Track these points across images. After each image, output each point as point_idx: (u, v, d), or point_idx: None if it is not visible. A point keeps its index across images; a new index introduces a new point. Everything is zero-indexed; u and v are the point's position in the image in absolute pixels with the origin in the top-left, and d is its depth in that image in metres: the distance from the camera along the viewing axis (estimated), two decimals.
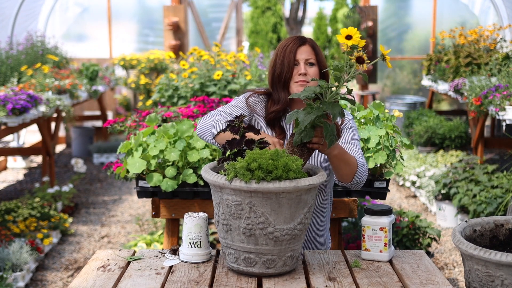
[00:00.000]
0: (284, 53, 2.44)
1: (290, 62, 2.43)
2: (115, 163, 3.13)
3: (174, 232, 3.07)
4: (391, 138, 2.96)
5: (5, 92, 5.51)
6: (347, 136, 2.45)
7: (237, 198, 1.98)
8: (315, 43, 2.50)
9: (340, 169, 2.29)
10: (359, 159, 2.35)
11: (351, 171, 2.31)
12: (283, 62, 2.44)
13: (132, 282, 2.06)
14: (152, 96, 4.82)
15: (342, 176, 2.32)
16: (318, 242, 2.58)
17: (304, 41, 2.46)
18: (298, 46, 2.44)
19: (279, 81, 2.45)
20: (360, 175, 2.34)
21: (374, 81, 9.83)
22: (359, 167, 2.32)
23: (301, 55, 2.43)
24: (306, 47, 2.45)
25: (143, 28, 10.80)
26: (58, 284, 4.45)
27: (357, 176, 2.33)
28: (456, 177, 5.56)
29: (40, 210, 5.29)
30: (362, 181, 2.36)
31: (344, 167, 2.29)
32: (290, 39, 2.48)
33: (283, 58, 2.44)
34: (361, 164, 2.35)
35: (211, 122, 2.39)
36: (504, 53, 6.63)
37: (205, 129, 2.40)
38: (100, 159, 8.48)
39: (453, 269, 4.64)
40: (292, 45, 2.44)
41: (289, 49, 2.44)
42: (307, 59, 2.43)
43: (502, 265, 1.92)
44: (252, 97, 2.54)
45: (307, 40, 2.49)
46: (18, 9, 8.69)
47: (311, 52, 2.45)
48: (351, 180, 2.34)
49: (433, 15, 10.16)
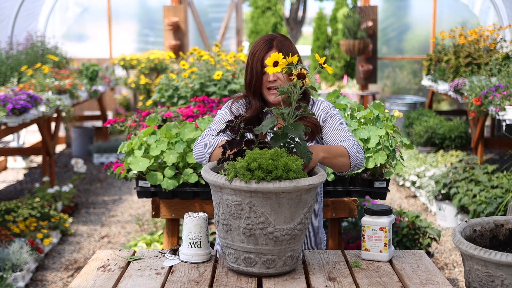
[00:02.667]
0: (252, 61, 2.41)
1: (258, 70, 2.39)
2: (115, 163, 3.13)
3: (174, 232, 3.07)
4: (391, 138, 2.96)
5: (5, 92, 5.51)
6: (333, 123, 2.46)
7: (237, 198, 1.98)
8: (283, 43, 2.41)
9: (335, 164, 2.30)
10: (347, 144, 2.34)
11: (345, 160, 2.31)
12: (252, 70, 2.41)
13: (132, 282, 2.06)
14: (152, 96, 4.82)
15: (340, 168, 2.32)
16: (314, 237, 2.59)
17: (271, 46, 2.39)
18: (265, 53, 2.39)
19: (250, 89, 2.44)
20: (355, 157, 2.32)
21: (374, 81, 9.83)
22: (350, 152, 2.31)
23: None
24: (273, 51, 2.37)
25: (143, 28, 10.80)
26: (58, 284, 4.45)
27: (353, 160, 2.32)
28: (456, 177, 5.56)
29: (40, 210, 5.29)
30: (361, 160, 2.35)
31: (337, 161, 2.29)
32: (258, 44, 2.42)
33: (252, 66, 2.41)
34: (350, 146, 2.33)
35: (202, 146, 2.39)
36: (504, 53, 6.63)
37: (200, 155, 2.41)
38: (100, 159, 8.48)
39: (453, 269, 4.64)
40: (259, 53, 2.39)
41: (256, 57, 2.39)
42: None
43: (502, 265, 1.92)
44: (234, 104, 2.52)
45: (274, 43, 2.40)
46: (18, 9, 8.69)
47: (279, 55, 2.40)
48: (350, 167, 2.34)
49: (433, 15, 10.16)
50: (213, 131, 2.46)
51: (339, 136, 2.41)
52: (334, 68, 13.17)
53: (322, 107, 2.52)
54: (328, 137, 2.45)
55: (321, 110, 2.51)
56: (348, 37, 9.38)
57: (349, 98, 3.26)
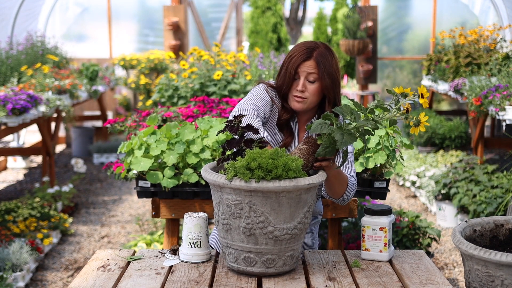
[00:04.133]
0: (288, 64, 2.34)
1: (290, 76, 2.33)
2: (115, 163, 3.13)
3: (174, 232, 3.07)
4: (391, 138, 2.96)
5: (5, 92, 5.51)
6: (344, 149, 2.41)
7: (237, 198, 1.98)
8: (323, 56, 2.32)
9: (333, 186, 2.31)
10: (350, 179, 2.36)
11: (342, 190, 2.33)
12: (285, 74, 2.35)
13: (132, 282, 2.06)
14: (152, 96, 4.82)
15: (333, 193, 2.34)
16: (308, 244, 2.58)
17: (310, 56, 2.31)
18: (302, 61, 2.31)
19: (280, 91, 2.39)
20: (349, 193, 2.36)
21: (374, 81, 9.83)
22: (349, 187, 2.34)
23: (303, 68, 2.31)
24: (311, 62, 2.30)
25: (143, 28, 10.80)
26: (58, 284, 4.45)
27: (346, 195, 2.36)
28: (456, 177, 5.55)
29: (40, 210, 5.29)
30: (349, 199, 2.39)
31: (337, 185, 2.31)
32: (298, 49, 2.34)
33: (286, 70, 2.34)
34: (352, 183, 2.36)
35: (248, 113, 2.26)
36: (504, 53, 6.63)
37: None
38: (100, 159, 8.48)
39: (453, 269, 4.64)
40: (296, 58, 2.32)
41: (292, 62, 2.32)
42: (308, 73, 2.31)
43: (502, 265, 1.92)
44: (270, 89, 2.44)
45: (314, 53, 2.32)
46: (18, 9, 8.69)
47: (315, 67, 2.30)
48: (340, 197, 2.36)
49: (433, 15, 10.16)
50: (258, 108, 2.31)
51: (345, 167, 2.40)
52: None
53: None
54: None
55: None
56: (348, 37, 9.38)
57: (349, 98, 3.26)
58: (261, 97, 2.37)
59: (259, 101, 2.35)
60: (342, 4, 13.23)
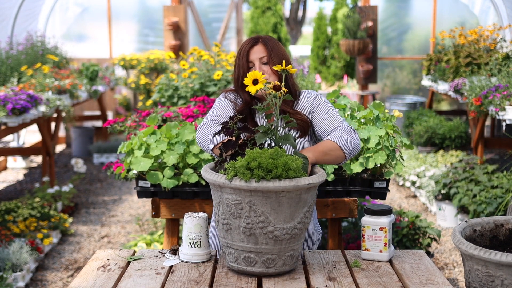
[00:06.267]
0: (239, 56, 2.50)
1: (244, 65, 2.48)
2: (115, 163, 3.13)
3: (174, 232, 3.07)
4: (391, 138, 2.96)
5: (5, 92, 5.51)
6: (322, 112, 2.46)
7: (237, 197, 1.98)
8: (268, 40, 2.50)
9: (328, 160, 2.29)
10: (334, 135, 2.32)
11: (338, 153, 2.29)
12: (239, 66, 2.50)
13: (132, 282, 2.06)
14: (152, 96, 4.82)
15: (335, 161, 2.32)
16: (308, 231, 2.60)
17: (256, 41, 2.49)
18: (250, 48, 2.48)
19: (238, 84, 2.51)
20: (347, 146, 2.31)
21: (374, 81, 9.82)
22: (339, 143, 2.29)
23: (254, 55, 2.48)
24: (258, 46, 2.48)
25: (143, 28, 10.80)
26: (58, 284, 4.45)
27: (346, 149, 2.31)
28: (456, 177, 5.55)
29: (40, 210, 5.29)
30: (354, 145, 2.33)
31: (329, 157, 2.28)
32: (245, 42, 2.52)
33: (239, 62, 2.50)
34: (339, 137, 2.31)
35: (208, 133, 2.40)
36: (504, 53, 6.62)
37: (203, 141, 2.41)
38: (100, 159, 8.48)
39: (453, 269, 4.64)
40: (244, 48, 2.50)
41: (242, 52, 2.50)
42: (260, 58, 2.47)
43: (502, 265, 1.92)
44: (228, 94, 2.58)
45: (260, 38, 2.50)
46: (18, 9, 8.69)
47: (263, 50, 2.47)
48: (345, 157, 2.33)
49: (433, 15, 10.16)
50: (218, 117, 2.47)
51: (330, 124, 2.41)
52: (334, 68, 13.18)
53: (307, 97, 2.53)
54: (319, 127, 2.45)
55: (306, 101, 2.51)
56: (348, 37, 9.38)
57: (349, 98, 3.26)
58: (219, 106, 2.53)
59: (218, 110, 2.51)
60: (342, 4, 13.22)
